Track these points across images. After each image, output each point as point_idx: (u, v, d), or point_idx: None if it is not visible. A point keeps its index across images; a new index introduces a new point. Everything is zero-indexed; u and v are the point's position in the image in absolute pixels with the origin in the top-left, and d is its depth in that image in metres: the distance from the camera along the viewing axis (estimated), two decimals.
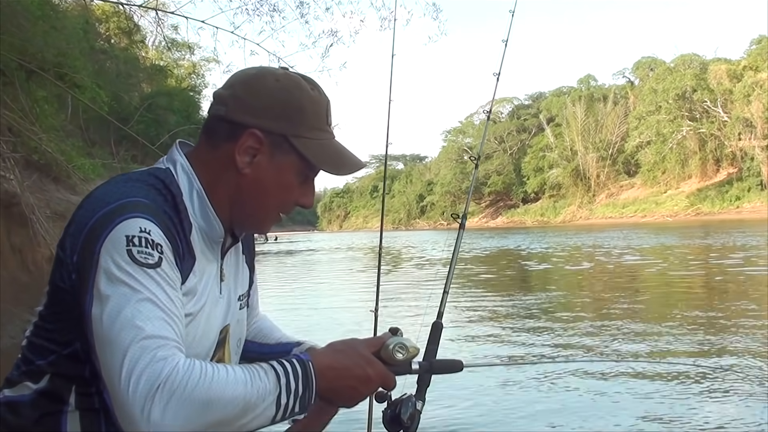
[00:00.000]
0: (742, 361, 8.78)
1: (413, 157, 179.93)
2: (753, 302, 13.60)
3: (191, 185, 1.86)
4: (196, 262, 1.81)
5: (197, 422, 1.50)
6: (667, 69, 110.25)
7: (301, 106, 1.86)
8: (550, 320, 12.62)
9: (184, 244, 1.77)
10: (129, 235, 1.62)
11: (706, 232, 45.96)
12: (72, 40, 18.68)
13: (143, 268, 1.60)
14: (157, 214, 1.70)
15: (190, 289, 1.78)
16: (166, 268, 1.64)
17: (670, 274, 21.08)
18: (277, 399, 1.60)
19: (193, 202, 1.85)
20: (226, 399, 1.52)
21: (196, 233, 1.84)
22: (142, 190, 1.74)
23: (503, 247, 40.36)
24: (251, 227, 2.00)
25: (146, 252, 1.62)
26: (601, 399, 7.52)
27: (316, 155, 1.87)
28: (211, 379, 1.52)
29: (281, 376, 1.61)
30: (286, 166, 1.86)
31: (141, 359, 1.49)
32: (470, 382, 8.39)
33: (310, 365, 1.67)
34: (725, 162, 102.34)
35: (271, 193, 1.88)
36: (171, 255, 1.69)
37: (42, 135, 14.47)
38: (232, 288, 2.03)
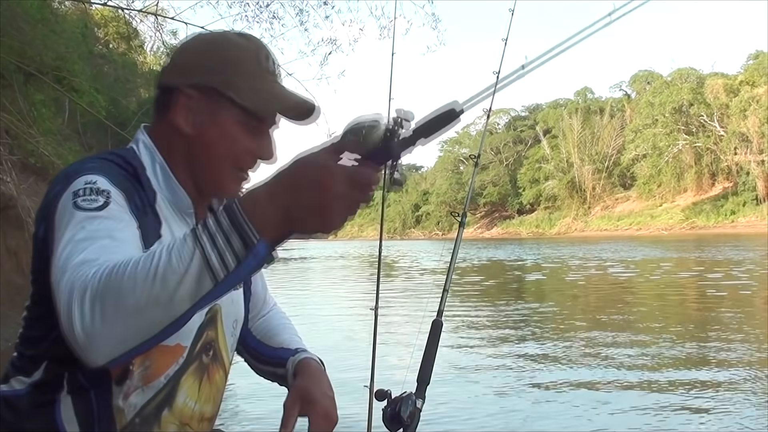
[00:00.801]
0: (733, 374, 8.81)
1: (409, 166, 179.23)
2: (744, 316, 13.65)
3: (153, 159, 1.85)
4: (163, 225, 1.79)
5: (119, 313, 1.36)
6: (664, 83, 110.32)
7: (226, 56, 1.84)
8: (541, 330, 12.63)
9: (148, 207, 1.76)
10: (76, 189, 1.61)
11: (701, 246, 45.98)
12: (71, 44, 18.66)
13: (86, 212, 1.57)
14: (108, 170, 1.70)
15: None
16: (113, 208, 1.60)
17: (662, 286, 21.14)
18: (202, 254, 1.35)
19: (157, 176, 1.84)
20: (131, 276, 1.36)
21: (163, 203, 1.82)
22: (101, 164, 1.74)
23: (496, 258, 40.31)
24: (214, 190, 1.91)
25: (90, 198, 1.60)
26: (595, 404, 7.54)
27: (251, 100, 1.81)
28: (113, 266, 1.39)
29: (200, 230, 1.38)
30: (223, 117, 1.81)
31: (68, 282, 1.41)
32: (470, 382, 8.46)
33: (233, 204, 1.39)
34: (721, 176, 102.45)
35: (217, 149, 1.83)
36: (123, 201, 1.65)
37: (39, 138, 14.46)
38: None
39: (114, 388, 1.69)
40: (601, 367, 9.61)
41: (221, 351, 1.99)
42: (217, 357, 1.96)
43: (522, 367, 9.77)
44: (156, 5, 15.00)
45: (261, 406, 7.57)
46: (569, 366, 9.67)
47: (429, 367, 2.16)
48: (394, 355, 9.32)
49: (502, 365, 9.92)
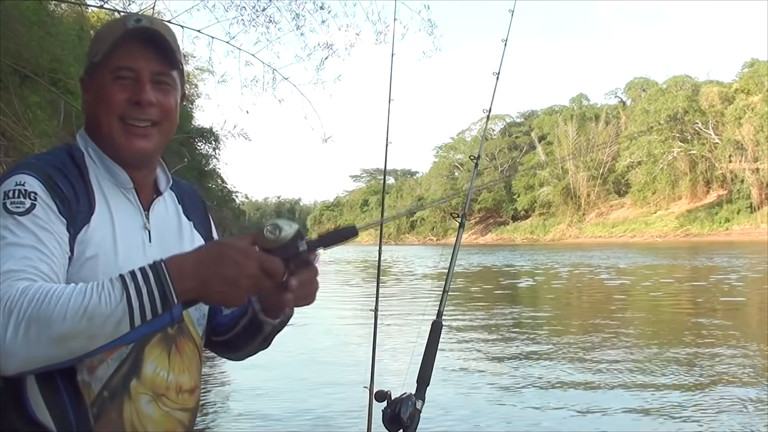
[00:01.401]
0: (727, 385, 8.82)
1: (404, 171, 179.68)
2: (735, 324, 13.70)
3: (86, 145, 1.96)
4: (99, 206, 1.87)
5: (41, 339, 1.51)
6: (660, 90, 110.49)
7: (99, 34, 2.03)
8: (537, 335, 12.63)
9: (81, 189, 1.85)
10: (6, 190, 1.73)
11: (695, 254, 46.06)
12: (67, 47, 18.64)
13: (13, 215, 1.69)
14: (40, 168, 1.80)
15: (92, 230, 1.83)
16: (39, 212, 1.72)
17: (654, 293, 21.19)
18: (127, 303, 1.55)
19: (93, 157, 1.95)
20: (63, 311, 1.51)
21: (103, 182, 1.93)
22: (40, 155, 1.92)
23: (490, 264, 40.31)
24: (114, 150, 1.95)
25: (18, 201, 1.71)
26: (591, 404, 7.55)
27: (102, 51, 1.93)
28: (47, 295, 1.53)
29: (128, 280, 1.58)
30: (96, 83, 1.94)
31: None
32: (469, 383, 8.48)
33: (161, 264, 1.62)
34: (715, 184, 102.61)
35: (98, 110, 1.94)
36: (50, 200, 1.75)
37: (34, 140, 14.43)
38: (172, 243, 2.02)
39: (77, 364, 1.70)
40: (596, 368, 9.70)
41: (187, 323, 2.01)
42: (182, 329, 1.99)
43: (520, 369, 9.84)
44: (152, 8, 14.95)
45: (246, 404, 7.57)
46: (567, 369, 9.74)
47: (429, 368, 2.15)
48: (394, 357, 9.35)
49: (501, 367, 9.98)
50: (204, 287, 1.62)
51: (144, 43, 1.92)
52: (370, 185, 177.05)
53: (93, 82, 1.95)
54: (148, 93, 1.92)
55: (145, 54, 1.93)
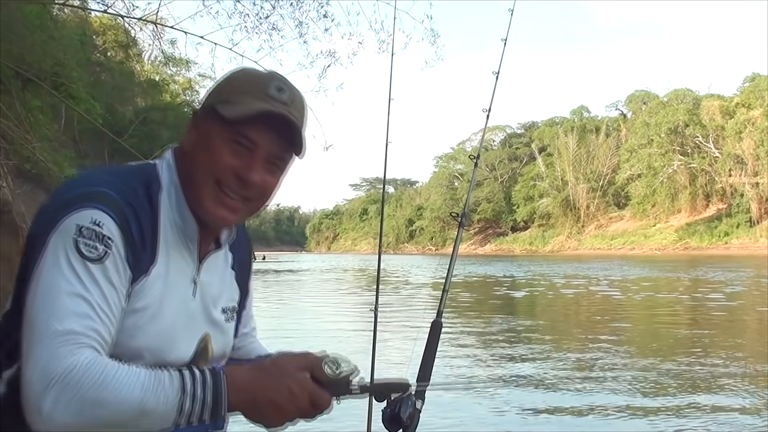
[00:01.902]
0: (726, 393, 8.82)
1: (404, 181, 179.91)
2: (733, 337, 13.73)
3: (171, 180, 1.87)
4: (161, 257, 1.81)
5: (88, 420, 1.52)
6: (660, 103, 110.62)
7: (234, 79, 1.89)
8: (529, 345, 12.65)
9: (149, 237, 1.77)
10: (79, 224, 1.65)
11: (694, 267, 46.02)
12: (69, 51, 18.66)
13: (85, 261, 1.63)
14: (117, 206, 1.71)
15: (149, 282, 1.77)
16: (108, 264, 1.66)
17: (652, 306, 21.23)
18: (180, 406, 1.59)
19: (171, 197, 1.85)
20: (119, 400, 1.53)
21: (170, 229, 1.84)
22: (114, 182, 1.76)
23: (490, 275, 40.30)
24: (199, 210, 1.87)
25: (91, 245, 1.65)
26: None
27: (234, 112, 1.81)
28: (109, 380, 1.54)
29: (188, 382, 1.61)
30: (213, 133, 1.83)
31: (47, 352, 1.53)
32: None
33: (222, 376, 1.65)
34: (715, 197, 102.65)
35: (200, 162, 1.84)
36: (122, 248, 1.70)
37: (35, 144, 14.43)
38: (214, 297, 2.00)
39: None
40: (594, 370, 9.73)
41: None
42: None
43: (520, 370, 9.87)
44: (156, 14, 14.97)
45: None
46: (566, 371, 9.75)
47: (429, 368, 2.15)
48: (394, 356, 9.34)
49: (500, 368, 10.00)
50: (253, 407, 1.69)
51: (276, 125, 1.85)
52: (370, 194, 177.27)
53: (207, 127, 1.85)
54: (256, 174, 1.85)
55: (272, 135, 1.86)
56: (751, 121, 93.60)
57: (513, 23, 3.03)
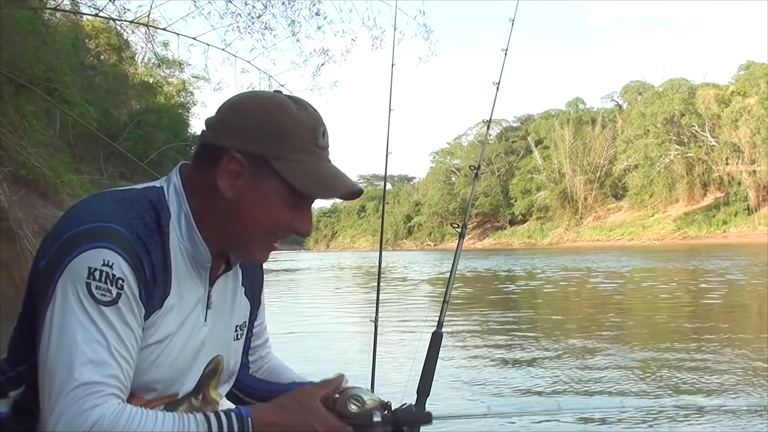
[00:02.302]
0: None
1: (401, 177, 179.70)
2: (735, 327, 13.73)
3: (180, 207, 1.84)
4: (173, 288, 1.80)
5: None
6: (656, 93, 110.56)
7: (283, 127, 1.81)
8: (539, 341, 12.62)
9: (160, 270, 1.76)
10: (91, 267, 1.64)
11: (693, 256, 46.08)
12: (62, 55, 18.68)
13: (98, 305, 1.63)
14: (127, 243, 1.70)
15: (162, 315, 1.78)
16: (122, 306, 1.66)
17: (652, 296, 21.27)
18: None
19: (180, 225, 1.83)
20: None
21: (181, 256, 1.83)
22: (122, 213, 1.74)
23: (487, 268, 40.29)
24: (242, 254, 1.95)
25: (104, 288, 1.64)
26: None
27: (298, 178, 1.80)
28: (135, 429, 1.56)
29: (214, 429, 1.63)
30: (268, 189, 1.81)
31: (71, 405, 1.54)
32: (470, 393, 8.45)
33: (248, 421, 1.68)
34: (712, 186, 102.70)
35: (255, 217, 1.83)
36: (135, 287, 1.69)
37: (30, 150, 14.44)
38: (225, 318, 2.01)
39: None
40: (597, 373, 9.66)
41: (213, 396, 2.04)
42: (207, 400, 2.02)
43: (520, 376, 9.82)
44: (147, 16, 14.96)
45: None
46: (567, 374, 9.70)
47: (429, 379, 2.15)
48: (394, 367, 9.32)
49: (500, 375, 9.95)
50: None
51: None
52: (368, 191, 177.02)
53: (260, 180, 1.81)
54: (309, 227, 1.93)
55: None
56: (747, 109, 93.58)
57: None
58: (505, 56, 2.88)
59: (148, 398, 1.78)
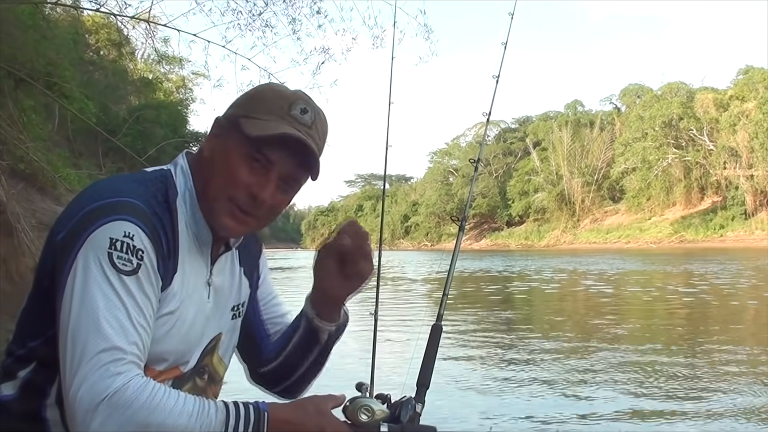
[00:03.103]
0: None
1: (399, 177, 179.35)
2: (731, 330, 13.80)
3: (186, 186, 1.92)
4: (180, 263, 1.85)
5: None
6: (654, 96, 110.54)
7: (261, 94, 1.96)
8: (535, 338, 12.64)
9: (172, 245, 1.82)
10: (113, 237, 1.69)
11: (689, 260, 46.11)
12: (62, 50, 18.64)
13: (120, 274, 1.68)
14: (146, 217, 1.75)
15: (173, 287, 1.82)
16: (142, 276, 1.71)
17: (647, 299, 21.36)
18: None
19: (186, 202, 1.90)
20: (167, 425, 1.59)
21: (187, 234, 1.89)
22: (138, 191, 1.80)
23: (485, 269, 40.31)
24: (211, 218, 1.93)
25: (126, 258, 1.69)
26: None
27: (254, 129, 1.86)
28: (157, 404, 1.59)
29: (231, 417, 1.66)
30: (232, 145, 1.88)
31: (95, 370, 1.57)
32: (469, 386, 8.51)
33: (265, 415, 1.71)
34: (710, 190, 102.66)
35: (217, 174, 1.89)
36: (153, 258, 1.75)
37: (29, 144, 14.42)
38: (225, 297, 2.05)
39: None
40: (595, 371, 9.74)
41: (217, 370, 2.10)
42: (213, 378, 2.08)
43: (520, 371, 9.90)
44: (148, 12, 14.95)
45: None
46: (566, 372, 9.79)
47: (429, 372, 2.16)
48: (394, 360, 9.34)
49: (500, 370, 10.04)
50: None
51: (293, 146, 1.90)
52: (365, 190, 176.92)
53: (228, 139, 1.90)
54: (267, 193, 1.91)
55: (288, 155, 1.91)
56: (745, 113, 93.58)
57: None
58: (504, 49, 2.89)
59: (159, 369, 1.83)
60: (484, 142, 3.35)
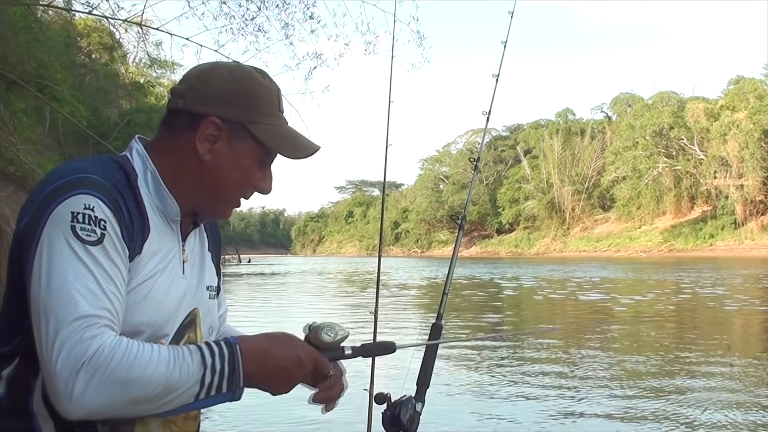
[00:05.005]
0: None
1: (389, 183, 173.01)
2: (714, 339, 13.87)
3: (145, 167, 1.94)
4: (152, 234, 1.89)
5: (118, 400, 1.60)
6: (645, 105, 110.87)
7: (254, 94, 1.98)
8: (529, 339, 12.67)
9: (137, 217, 1.85)
10: (74, 211, 1.71)
11: (679, 269, 46.26)
12: (53, 53, 18.62)
13: (85, 245, 1.69)
14: (105, 189, 1.78)
15: (143, 258, 1.86)
16: (108, 245, 1.73)
17: (637, 306, 21.43)
18: (201, 379, 1.68)
19: (147, 183, 1.93)
20: (147, 378, 1.61)
21: (151, 210, 1.91)
22: (96, 168, 1.83)
23: (477, 275, 40.37)
24: (213, 212, 2.07)
25: (89, 229, 1.71)
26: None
27: (271, 139, 1.98)
28: (134, 359, 1.61)
29: (207, 356, 1.70)
30: (244, 151, 1.97)
31: (71, 337, 1.59)
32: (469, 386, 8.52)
33: (237, 348, 1.75)
34: (700, 199, 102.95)
35: (231, 177, 1.98)
36: (117, 228, 1.77)
37: (20, 147, 14.40)
38: (197, 274, 2.10)
39: None
40: (591, 371, 9.77)
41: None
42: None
43: (519, 372, 9.93)
44: (141, 15, 14.92)
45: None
46: (565, 373, 9.82)
47: (428, 371, 2.16)
48: (394, 359, 9.38)
49: (500, 370, 10.07)
50: (265, 375, 1.80)
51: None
52: (355, 196, 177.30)
53: (237, 142, 1.97)
54: (270, 185, 2.08)
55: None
56: (735, 123, 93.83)
57: (506, 24, 3.02)
58: (504, 48, 2.88)
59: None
60: (484, 141, 3.35)
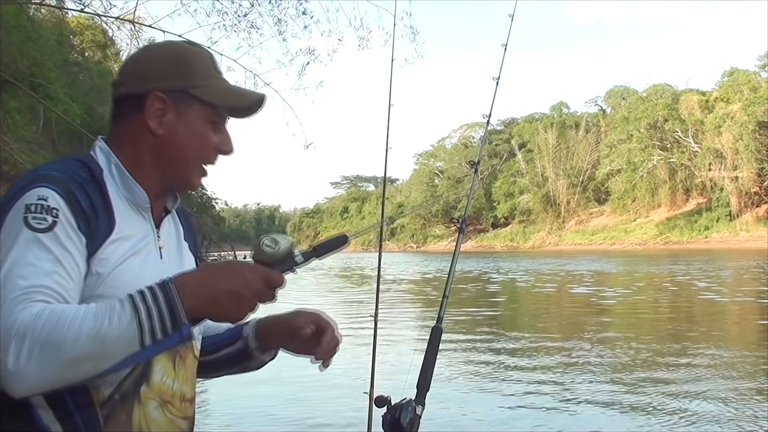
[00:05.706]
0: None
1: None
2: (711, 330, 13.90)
3: (109, 161, 1.97)
4: (118, 223, 1.89)
5: (54, 362, 1.57)
6: (639, 98, 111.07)
7: (190, 61, 2.02)
8: (529, 340, 12.67)
9: (101, 207, 1.86)
10: (28, 203, 1.75)
11: (674, 261, 46.36)
12: (46, 51, 18.56)
13: (35, 233, 1.71)
14: (60, 181, 1.80)
15: (110, 245, 1.85)
16: (59, 232, 1.74)
17: (632, 299, 21.46)
18: (139, 324, 1.62)
19: (113, 175, 1.96)
20: (74, 334, 1.57)
21: (121, 201, 1.94)
22: (58, 166, 1.87)
23: (475, 270, 40.39)
24: (181, 184, 2.08)
25: (40, 217, 1.73)
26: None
27: (215, 96, 2.00)
28: (57, 318, 1.58)
29: (138, 301, 1.64)
30: (193, 116, 1.99)
31: (5, 314, 1.59)
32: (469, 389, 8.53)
33: (171, 285, 1.68)
34: (695, 192, 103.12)
35: (188, 145, 2.00)
36: (70, 216, 1.77)
37: (13, 146, 14.37)
38: (176, 259, 2.11)
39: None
40: (592, 372, 9.79)
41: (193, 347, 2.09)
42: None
43: (519, 374, 9.95)
44: (133, 13, 14.89)
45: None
46: (565, 373, 9.85)
47: (429, 374, 2.15)
48: (394, 362, 9.37)
49: (500, 373, 10.08)
50: (212, 304, 1.70)
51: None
52: (350, 192, 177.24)
53: (184, 110, 1.99)
54: (231, 145, 2.09)
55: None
56: (729, 115, 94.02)
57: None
58: (504, 51, 2.88)
59: None
60: (484, 142, 3.35)
